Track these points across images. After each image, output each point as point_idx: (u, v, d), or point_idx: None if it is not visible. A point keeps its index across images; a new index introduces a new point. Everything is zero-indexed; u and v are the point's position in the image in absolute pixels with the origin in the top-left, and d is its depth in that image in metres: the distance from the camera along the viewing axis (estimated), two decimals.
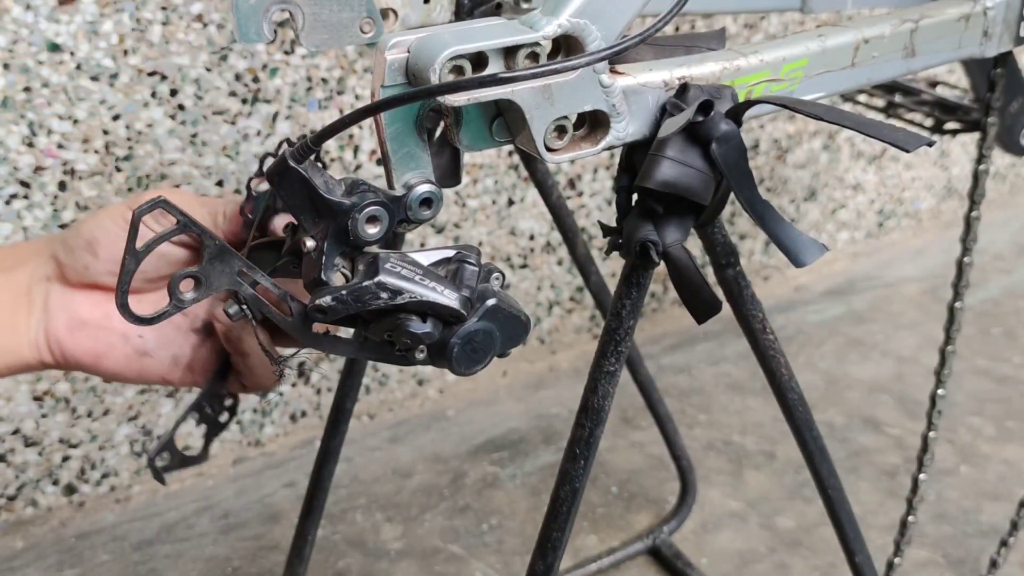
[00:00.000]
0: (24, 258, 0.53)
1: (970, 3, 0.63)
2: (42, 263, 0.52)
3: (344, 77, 1.13)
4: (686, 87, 0.50)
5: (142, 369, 0.53)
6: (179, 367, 0.55)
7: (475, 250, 0.50)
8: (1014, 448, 1.27)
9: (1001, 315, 1.60)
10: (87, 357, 0.52)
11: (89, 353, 0.52)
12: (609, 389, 0.55)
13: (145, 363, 0.53)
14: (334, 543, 1.12)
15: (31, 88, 0.96)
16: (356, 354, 0.50)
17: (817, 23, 1.43)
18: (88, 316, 0.51)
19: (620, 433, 1.31)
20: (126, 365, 0.53)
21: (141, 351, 0.53)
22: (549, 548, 0.59)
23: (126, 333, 0.52)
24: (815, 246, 0.49)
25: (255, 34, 0.53)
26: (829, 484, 0.70)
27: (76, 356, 0.51)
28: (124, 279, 0.44)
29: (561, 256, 1.41)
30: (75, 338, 0.51)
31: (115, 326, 0.52)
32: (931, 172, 1.86)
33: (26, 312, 0.51)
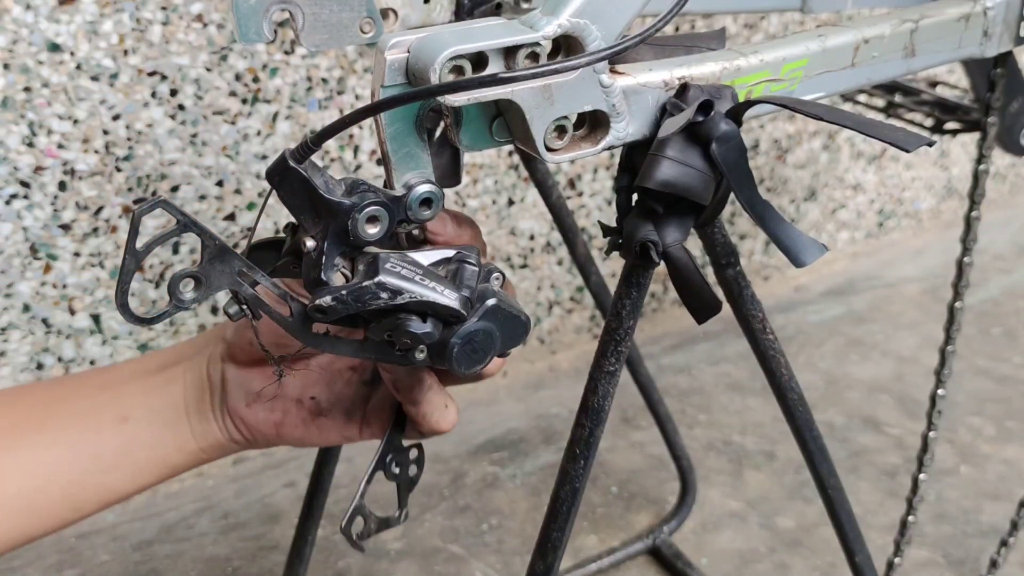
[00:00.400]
0: (202, 346, 0.56)
1: (970, 3, 0.62)
2: (216, 347, 0.54)
3: (344, 77, 1.13)
4: (686, 87, 0.50)
5: (320, 430, 0.55)
6: (354, 422, 0.55)
7: (475, 250, 0.50)
8: (1014, 448, 1.27)
9: (1001, 315, 1.60)
10: (267, 427, 0.54)
11: (268, 423, 0.54)
12: (609, 389, 0.55)
13: (321, 424, 0.54)
14: (334, 543, 1.12)
15: (31, 88, 0.96)
16: (356, 354, 0.50)
17: (817, 23, 1.43)
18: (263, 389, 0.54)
19: (620, 433, 1.31)
20: (304, 429, 0.54)
21: (315, 412, 0.54)
22: (549, 548, 0.59)
23: (299, 398, 0.54)
24: (815, 246, 0.49)
25: (255, 34, 0.53)
26: (829, 484, 0.70)
27: (258, 428, 0.54)
28: (124, 279, 0.44)
29: (561, 256, 1.41)
30: (253, 411, 0.53)
31: (288, 393, 0.54)
32: (931, 172, 1.86)
33: (210, 395, 0.54)
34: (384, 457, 0.56)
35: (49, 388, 0.55)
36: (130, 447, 0.52)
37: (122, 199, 1.04)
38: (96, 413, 0.52)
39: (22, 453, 0.51)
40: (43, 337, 1.06)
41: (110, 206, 1.04)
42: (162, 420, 0.53)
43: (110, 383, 0.54)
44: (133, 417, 0.52)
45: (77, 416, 0.52)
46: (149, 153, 1.04)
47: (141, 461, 0.53)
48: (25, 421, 0.52)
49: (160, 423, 0.53)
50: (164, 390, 0.54)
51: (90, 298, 1.07)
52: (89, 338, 1.08)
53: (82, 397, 0.53)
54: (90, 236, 1.04)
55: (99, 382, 0.54)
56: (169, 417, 0.53)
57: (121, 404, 0.53)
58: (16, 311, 1.03)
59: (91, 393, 0.53)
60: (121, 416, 0.52)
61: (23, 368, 1.05)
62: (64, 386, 0.55)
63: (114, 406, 0.52)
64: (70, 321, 1.06)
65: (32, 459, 0.51)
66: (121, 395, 0.53)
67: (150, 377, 0.54)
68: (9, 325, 1.03)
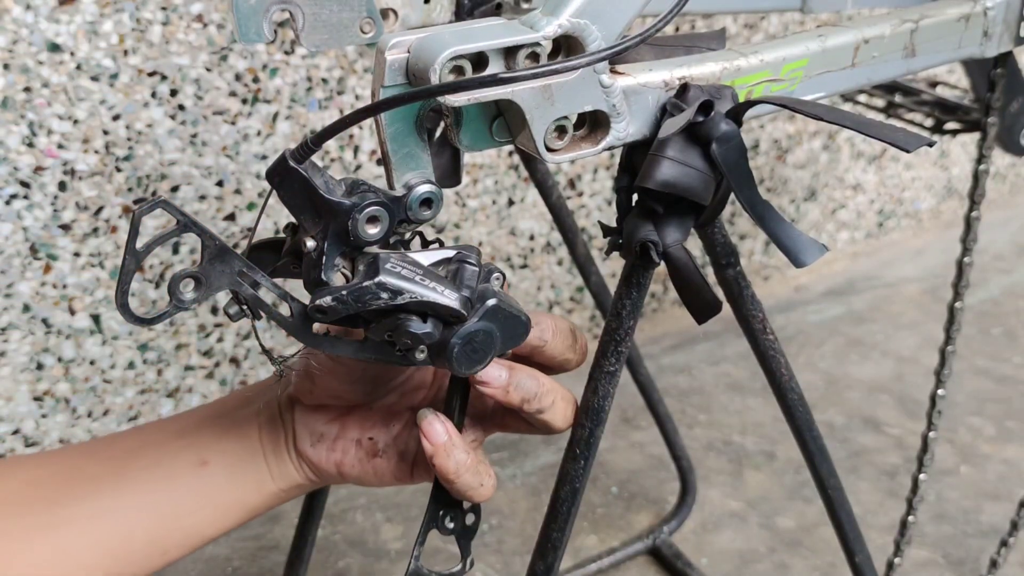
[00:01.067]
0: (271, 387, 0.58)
1: (970, 3, 0.63)
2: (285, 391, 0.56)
3: (344, 77, 1.13)
4: (686, 87, 0.50)
5: (375, 470, 0.56)
6: (407, 463, 0.56)
7: (475, 250, 0.50)
8: (1014, 448, 1.27)
9: (1001, 315, 1.60)
10: (329, 466, 0.55)
11: (330, 462, 0.55)
12: (609, 389, 0.55)
13: (376, 464, 0.56)
14: (334, 543, 1.12)
15: (31, 88, 0.96)
16: (356, 354, 0.50)
17: (817, 23, 1.43)
18: (324, 429, 0.55)
19: (620, 433, 1.31)
20: (361, 468, 0.55)
21: (371, 452, 0.55)
22: (549, 548, 0.59)
23: (358, 439, 0.56)
24: (815, 246, 0.49)
25: (255, 34, 0.53)
26: (829, 484, 0.70)
27: (321, 466, 0.55)
28: (124, 279, 0.44)
29: (561, 256, 1.41)
30: (316, 451, 0.55)
31: (348, 435, 0.56)
32: (931, 172, 1.86)
33: (284, 435, 0.56)
34: (435, 515, 0.56)
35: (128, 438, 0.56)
36: (209, 490, 0.54)
37: (122, 199, 1.04)
38: (174, 459, 0.54)
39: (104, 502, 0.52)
40: (43, 337, 1.06)
41: (110, 206, 1.04)
42: (239, 462, 0.55)
43: (186, 429, 0.55)
44: (211, 461, 0.54)
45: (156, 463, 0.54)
46: (149, 153, 1.04)
47: (221, 504, 0.54)
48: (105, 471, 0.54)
49: (237, 465, 0.55)
50: (239, 432, 0.55)
51: (90, 298, 1.07)
52: (89, 338, 1.08)
53: (159, 444, 0.55)
54: (90, 236, 1.04)
55: (176, 428, 0.56)
56: (246, 459, 0.55)
57: (198, 449, 0.54)
58: (16, 311, 1.03)
59: (168, 440, 0.55)
60: (200, 460, 0.54)
61: (23, 368, 1.05)
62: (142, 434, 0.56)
63: (192, 451, 0.54)
64: (70, 321, 1.06)
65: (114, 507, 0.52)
66: (198, 440, 0.54)
67: (225, 419, 0.56)
68: (9, 325, 1.03)
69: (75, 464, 0.54)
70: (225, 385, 1.19)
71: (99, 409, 1.11)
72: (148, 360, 1.13)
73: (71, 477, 0.53)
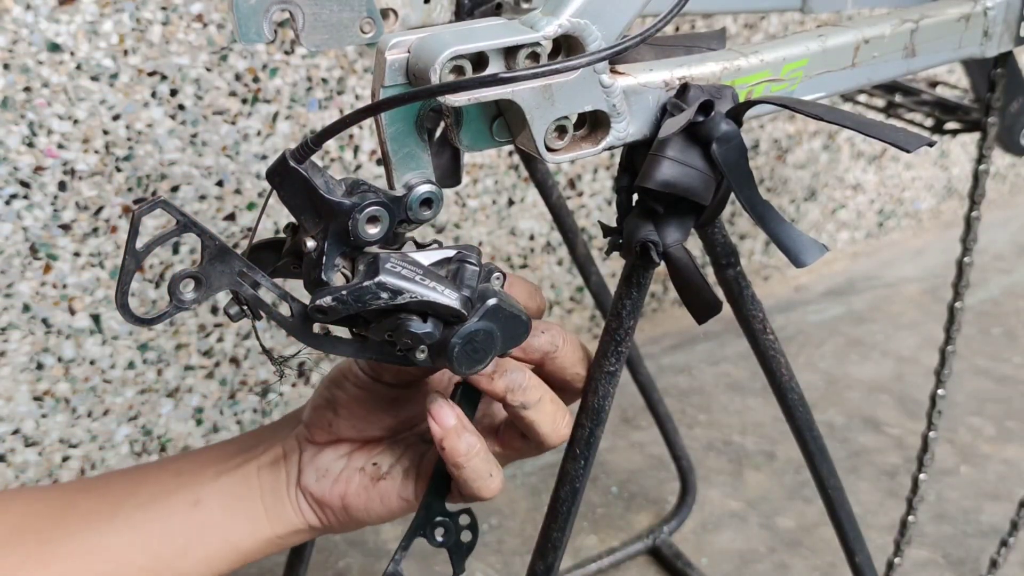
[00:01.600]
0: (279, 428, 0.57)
1: (970, 3, 0.63)
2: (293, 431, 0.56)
3: (344, 77, 1.13)
4: (686, 87, 0.50)
5: (381, 494, 0.55)
6: (411, 481, 0.55)
7: (475, 250, 0.50)
8: (1014, 448, 1.27)
9: (1001, 315, 1.60)
10: (334, 500, 0.54)
11: (334, 495, 0.54)
12: (609, 389, 0.55)
13: (382, 487, 0.55)
14: (334, 543, 1.12)
15: (31, 88, 0.96)
16: (356, 354, 0.50)
17: (817, 23, 1.43)
18: (331, 464, 0.55)
19: (620, 433, 1.31)
20: (366, 496, 0.54)
21: (375, 476, 0.55)
22: (549, 548, 0.59)
23: (362, 467, 0.55)
24: (815, 246, 0.49)
25: (255, 34, 0.53)
26: (829, 484, 0.70)
27: (326, 501, 0.54)
28: (124, 279, 0.44)
29: (561, 256, 1.41)
30: (320, 485, 0.54)
31: (352, 464, 0.55)
32: (931, 172, 1.86)
33: (285, 476, 0.55)
34: (424, 523, 0.55)
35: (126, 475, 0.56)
36: (201, 531, 0.53)
37: (122, 199, 1.04)
38: (168, 497, 0.53)
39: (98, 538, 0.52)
40: (43, 337, 1.06)
41: (110, 206, 1.04)
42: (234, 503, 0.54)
43: (186, 469, 0.55)
44: (204, 500, 0.53)
45: (150, 501, 0.53)
46: (149, 153, 1.04)
47: (213, 545, 0.53)
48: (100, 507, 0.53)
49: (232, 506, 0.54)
50: (237, 472, 0.54)
51: (90, 298, 1.07)
52: (89, 338, 1.08)
53: (157, 483, 0.54)
54: (90, 236, 1.04)
55: (176, 468, 0.55)
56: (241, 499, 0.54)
57: (194, 488, 0.54)
58: (16, 311, 1.03)
59: (166, 479, 0.54)
60: (193, 500, 0.53)
61: (23, 368, 1.05)
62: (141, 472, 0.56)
63: (187, 490, 0.53)
64: (70, 321, 1.06)
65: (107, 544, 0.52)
66: (195, 480, 0.54)
67: (226, 461, 0.55)
68: (9, 325, 1.03)
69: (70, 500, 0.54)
70: (225, 385, 1.19)
71: (99, 409, 1.11)
72: (148, 360, 1.13)
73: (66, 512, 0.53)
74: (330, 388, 0.55)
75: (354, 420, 0.55)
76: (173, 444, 1.18)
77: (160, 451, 1.18)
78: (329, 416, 0.55)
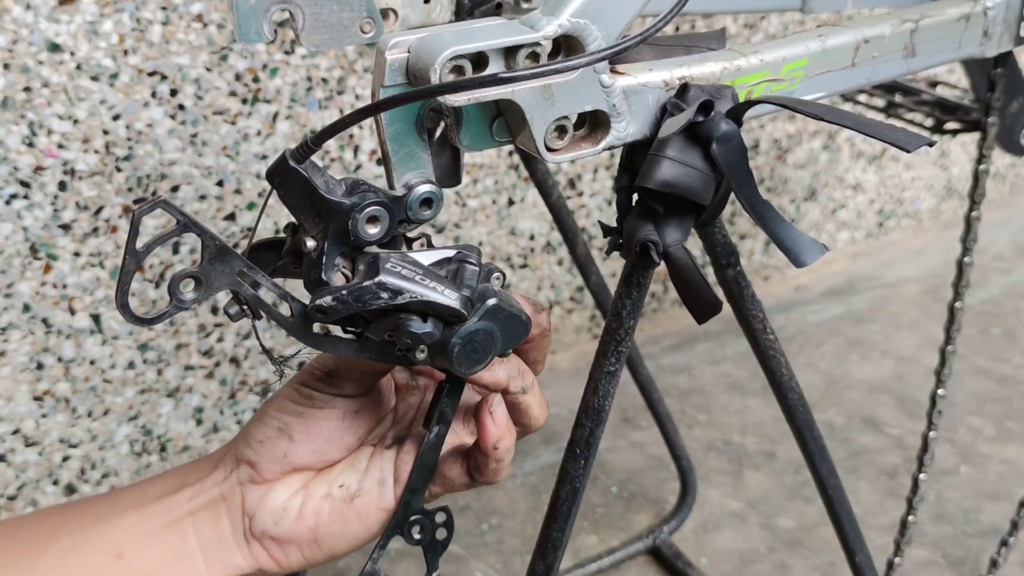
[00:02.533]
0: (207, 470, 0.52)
1: (970, 3, 0.63)
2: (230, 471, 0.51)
3: (344, 77, 1.13)
4: (686, 87, 0.50)
5: (359, 513, 0.52)
6: (389, 488, 0.53)
7: (475, 250, 0.50)
8: (1014, 448, 1.27)
9: (1001, 315, 1.60)
10: (303, 535, 0.51)
11: (303, 530, 0.51)
12: (609, 389, 0.55)
13: (358, 506, 0.52)
14: None
15: (31, 88, 0.96)
16: (356, 354, 0.50)
17: (817, 23, 1.43)
18: (288, 503, 0.50)
19: (620, 433, 1.31)
20: (342, 521, 0.51)
21: (347, 497, 0.51)
22: (549, 548, 0.59)
23: (328, 493, 0.51)
24: (815, 246, 0.49)
25: (255, 34, 0.53)
26: (829, 484, 0.70)
27: (293, 540, 0.50)
28: (124, 279, 0.44)
29: (561, 256, 1.41)
30: (281, 527, 0.50)
31: (314, 494, 0.51)
32: (931, 172, 1.86)
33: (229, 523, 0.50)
34: (401, 522, 0.54)
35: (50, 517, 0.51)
36: None
37: (122, 199, 1.04)
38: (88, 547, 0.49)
39: None
40: (43, 337, 1.06)
41: (110, 206, 1.04)
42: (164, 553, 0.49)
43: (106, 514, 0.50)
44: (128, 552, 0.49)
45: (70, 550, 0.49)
46: (149, 153, 1.04)
47: None
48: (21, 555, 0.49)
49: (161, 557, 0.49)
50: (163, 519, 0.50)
51: (90, 298, 1.07)
52: (89, 338, 1.08)
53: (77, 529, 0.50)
54: (90, 236, 1.04)
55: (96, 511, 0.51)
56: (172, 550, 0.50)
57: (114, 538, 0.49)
58: (16, 311, 1.03)
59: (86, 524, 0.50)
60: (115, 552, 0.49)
61: (23, 368, 1.05)
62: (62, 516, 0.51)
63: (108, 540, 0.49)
64: (70, 321, 1.06)
65: None
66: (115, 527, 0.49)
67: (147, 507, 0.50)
68: (9, 325, 1.03)
69: None
70: (225, 385, 1.19)
71: (99, 409, 1.11)
72: (148, 360, 1.13)
73: None
74: (279, 417, 0.51)
75: (315, 444, 0.51)
76: (173, 444, 1.18)
77: (160, 451, 1.18)
78: (284, 446, 0.50)
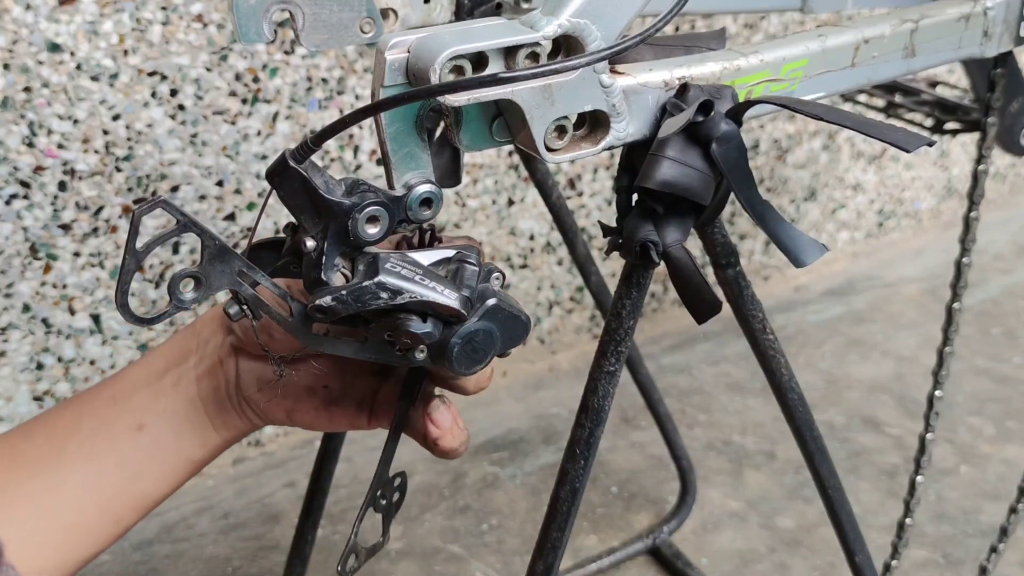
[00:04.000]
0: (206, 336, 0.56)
1: (970, 3, 0.63)
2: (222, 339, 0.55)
3: (344, 77, 1.13)
4: (686, 87, 0.50)
5: (331, 418, 0.55)
6: (363, 413, 0.56)
7: (475, 250, 0.50)
8: (1014, 448, 1.27)
9: (1001, 315, 1.60)
10: (279, 413, 0.55)
11: (280, 409, 0.55)
12: (609, 389, 0.55)
13: (332, 412, 0.55)
14: (334, 543, 1.12)
15: (31, 88, 0.96)
16: (356, 354, 0.50)
17: (817, 23, 1.43)
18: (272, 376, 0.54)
19: (620, 433, 1.31)
20: (315, 416, 0.55)
21: (328, 401, 0.55)
22: (549, 548, 0.59)
23: (311, 387, 0.55)
24: (815, 246, 0.49)
25: (255, 34, 0.53)
26: (829, 484, 0.70)
27: (270, 413, 0.55)
28: (124, 279, 0.44)
29: (561, 256, 1.41)
30: (264, 396, 0.55)
31: (300, 382, 0.55)
32: (931, 172, 1.86)
33: (225, 385, 0.55)
34: (374, 493, 0.57)
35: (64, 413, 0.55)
36: (151, 452, 0.53)
37: (122, 199, 1.04)
38: (111, 427, 0.53)
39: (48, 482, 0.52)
40: (43, 337, 1.06)
41: (110, 206, 1.04)
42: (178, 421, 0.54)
43: (120, 395, 0.54)
44: (148, 423, 0.53)
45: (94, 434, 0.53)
46: (149, 153, 1.04)
47: (166, 463, 0.54)
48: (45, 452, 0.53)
49: (176, 424, 0.54)
50: (175, 391, 0.54)
51: (90, 298, 1.07)
52: (89, 338, 1.08)
53: (95, 415, 0.54)
54: (90, 236, 1.04)
55: (109, 395, 0.55)
56: (184, 415, 0.54)
57: (134, 413, 0.53)
58: (16, 311, 1.03)
59: (103, 409, 0.54)
60: (136, 425, 0.53)
61: (23, 368, 1.05)
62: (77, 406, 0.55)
63: (127, 417, 0.53)
64: (70, 321, 1.06)
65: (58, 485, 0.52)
66: (132, 405, 0.54)
67: (158, 380, 0.55)
68: (9, 325, 1.03)
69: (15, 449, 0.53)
70: None
71: None
72: None
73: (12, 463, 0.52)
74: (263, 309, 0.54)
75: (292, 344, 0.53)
76: None
77: None
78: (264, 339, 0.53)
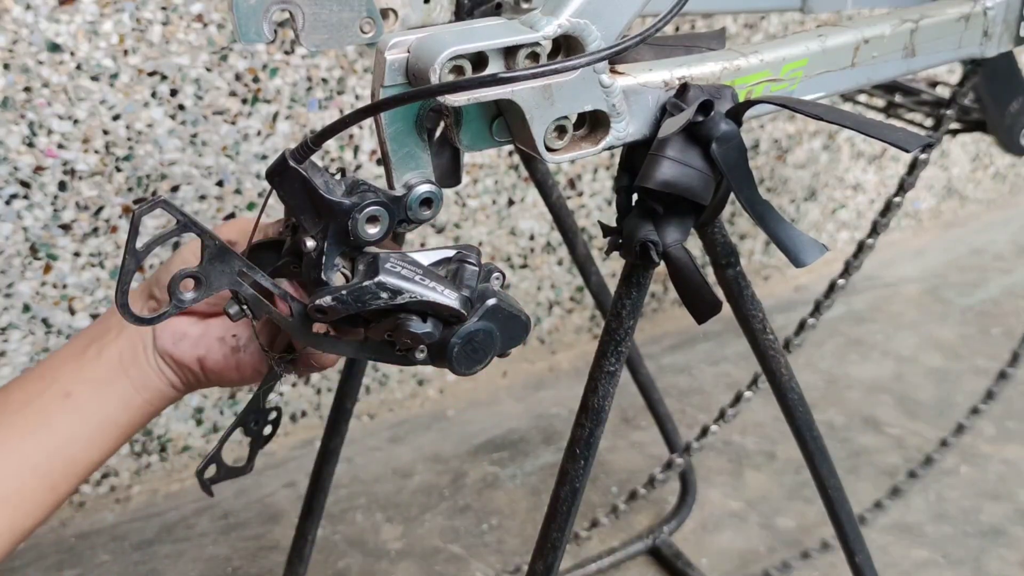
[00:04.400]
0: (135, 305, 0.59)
1: (970, 3, 0.63)
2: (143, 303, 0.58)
3: (344, 77, 1.13)
4: (686, 87, 0.50)
5: (238, 364, 0.58)
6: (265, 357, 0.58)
7: (475, 250, 0.50)
8: (1014, 448, 1.27)
9: (1001, 315, 1.60)
10: (191, 362, 0.58)
11: (192, 358, 0.58)
12: (609, 389, 0.55)
13: (239, 359, 0.58)
14: (334, 543, 1.12)
15: (31, 88, 0.96)
16: (356, 354, 0.50)
17: (817, 23, 1.43)
18: (188, 330, 0.58)
19: (620, 433, 1.31)
20: (224, 363, 0.58)
21: (235, 348, 0.58)
22: (549, 548, 0.59)
23: (222, 336, 0.58)
24: (815, 246, 0.49)
25: (255, 34, 0.53)
26: (829, 484, 0.70)
27: (184, 362, 0.57)
28: (124, 279, 0.44)
29: (561, 256, 1.41)
30: (179, 347, 0.57)
31: (212, 332, 0.58)
32: (931, 172, 1.86)
33: (143, 346, 0.57)
34: (246, 415, 0.60)
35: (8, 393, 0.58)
36: (79, 416, 0.56)
37: (122, 199, 1.04)
38: (40, 397, 0.56)
39: None
40: (43, 337, 1.06)
41: (110, 206, 1.04)
42: (100, 384, 0.57)
43: (47, 371, 0.58)
44: (74, 391, 0.56)
45: (24, 406, 0.56)
46: (149, 153, 1.04)
47: (93, 425, 0.57)
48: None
49: (99, 387, 0.57)
50: (98, 359, 0.57)
51: (90, 298, 1.07)
52: None
53: (23, 389, 0.57)
54: (90, 236, 1.04)
55: (37, 373, 0.58)
56: (107, 379, 0.57)
57: (61, 383, 0.57)
58: (16, 311, 1.03)
59: (31, 383, 0.57)
60: (63, 393, 0.56)
61: (23, 368, 1.05)
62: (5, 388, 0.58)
63: (55, 387, 0.57)
64: (70, 321, 1.06)
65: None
66: (59, 376, 0.57)
67: (83, 353, 0.58)
68: (9, 325, 1.03)
69: None
70: None
71: None
72: None
73: None
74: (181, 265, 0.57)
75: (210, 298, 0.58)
76: (173, 444, 1.18)
77: (160, 451, 1.18)
78: None
